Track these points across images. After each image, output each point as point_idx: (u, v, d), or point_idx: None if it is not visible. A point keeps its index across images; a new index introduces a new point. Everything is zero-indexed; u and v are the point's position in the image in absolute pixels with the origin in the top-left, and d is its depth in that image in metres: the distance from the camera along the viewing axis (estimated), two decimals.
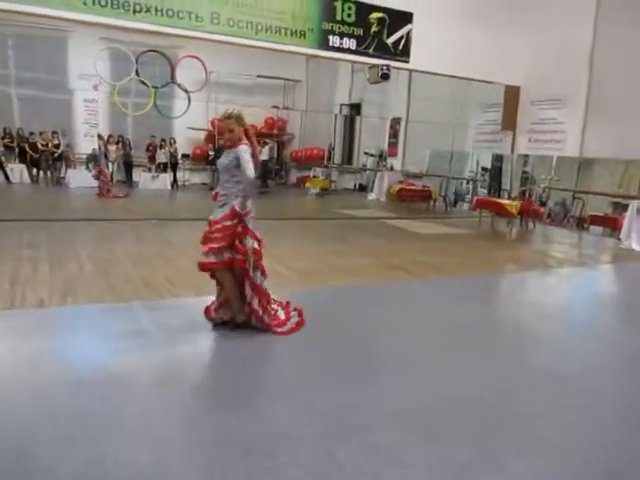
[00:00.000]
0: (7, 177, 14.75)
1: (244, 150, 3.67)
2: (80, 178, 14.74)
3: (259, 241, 3.86)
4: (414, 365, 3.55)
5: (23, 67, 15.82)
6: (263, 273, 3.90)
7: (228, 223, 3.74)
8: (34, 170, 15.42)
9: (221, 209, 3.78)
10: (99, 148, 13.64)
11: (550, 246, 9.49)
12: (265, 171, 16.86)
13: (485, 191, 13.65)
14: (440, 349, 3.89)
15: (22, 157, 15.26)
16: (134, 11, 8.03)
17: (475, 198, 12.50)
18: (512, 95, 12.37)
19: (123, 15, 7.95)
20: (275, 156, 19.42)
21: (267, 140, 17.24)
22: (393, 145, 16.51)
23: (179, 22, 8.36)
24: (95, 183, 13.06)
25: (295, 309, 4.29)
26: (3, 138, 15.04)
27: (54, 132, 15.44)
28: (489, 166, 13.62)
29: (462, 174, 14.55)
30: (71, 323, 4.08)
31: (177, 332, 3.88)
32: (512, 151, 12.80)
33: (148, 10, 8.11)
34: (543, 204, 11.98)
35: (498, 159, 13.44)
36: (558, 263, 7.80)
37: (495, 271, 6.94)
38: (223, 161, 3.79)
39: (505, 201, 10.98)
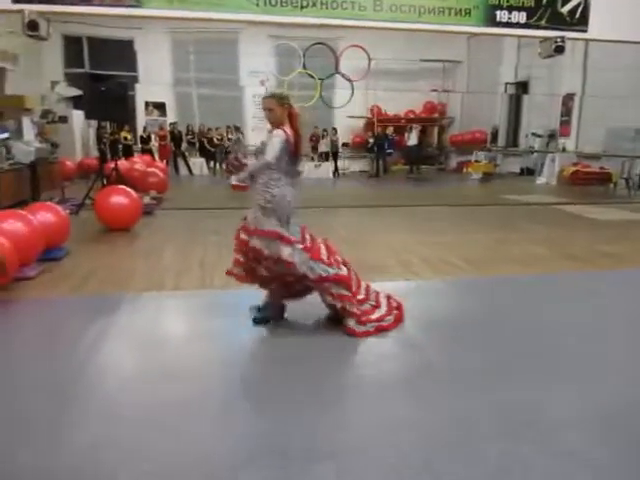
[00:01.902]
0: (190, 170, 16.42)
1: (276, 135, 3.42)
2: None
3: (303, 236, 3.56)
4: (601, 365, 3.25)
5: (201, 69, 17.46)
6: (326, 264, 3.52)
7: (242, 236, 3.61)
8: (211, 163, 16.97)
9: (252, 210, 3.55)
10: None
11: None
12: (416, 157, 16.59)
13: None
14: (632, 349, 3.51)
15: (202, 151, 16.88)
16: (301, 7, 8.35)
17: None
18: None
19: (291, 12, 8.32)
20: (435, 141, 19.07)
21: (414, 126, 16.91)
22: (565, 124, 15.20)
23: (343, 13, 8.51)
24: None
25: (397, 308, 3.86)
26: (187, 134, 16.75)
27: (228, 127, 16.81)
28: None
29: None
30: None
31: None
32: None
33: (314, 4, 8.38)
34: None
35: None
36: None
37: None
38: (258, 146, 3.60)
39: None
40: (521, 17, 9.26)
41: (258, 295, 3.84)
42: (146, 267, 5.39)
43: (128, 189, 7.23)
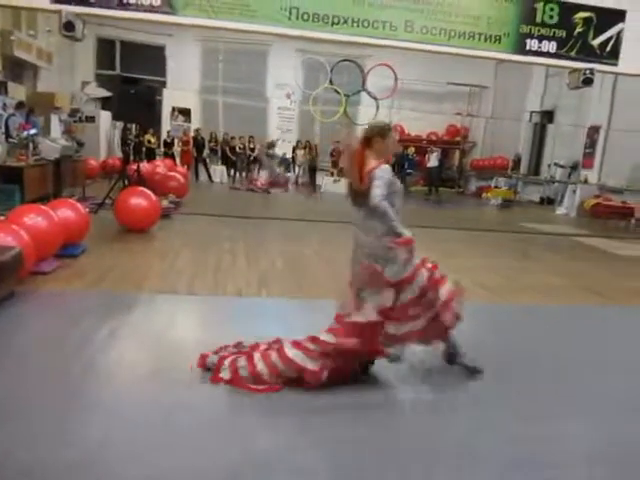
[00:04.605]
0: (210, 176, 16.54)
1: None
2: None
3: None
4: (615, 403, 3.17)
5: (229, 78, 17.69)
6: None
7: None
8: (232, 170, 17.08)
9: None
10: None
11: None
12: (436, 179, 16.57)
13: None
14: None
15: (223, 159, 17.01)
16: (332, 23, 8.43)
17: None
18: None
19: (323, 27, 8.40)
20: (456, 164, 19.05)
21: (434, 147, 16.90)
22: (589, 156, 15.07)
23: (374, 32, 8.57)
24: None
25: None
26: (210, 142, 16.90)
27: (250, 137, 16.93)
28: None
29: None
30: (265, 312, 4.39)
31: None
32: None
33: (345, 22, 8.46)
34: None
35: None
36: None
37: None
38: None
39: None
40: (551, 47, 9.27)
41: (266, 304, 3.80)
42: (161, 269, 5.42)
43: (148, 191, 7.28)
